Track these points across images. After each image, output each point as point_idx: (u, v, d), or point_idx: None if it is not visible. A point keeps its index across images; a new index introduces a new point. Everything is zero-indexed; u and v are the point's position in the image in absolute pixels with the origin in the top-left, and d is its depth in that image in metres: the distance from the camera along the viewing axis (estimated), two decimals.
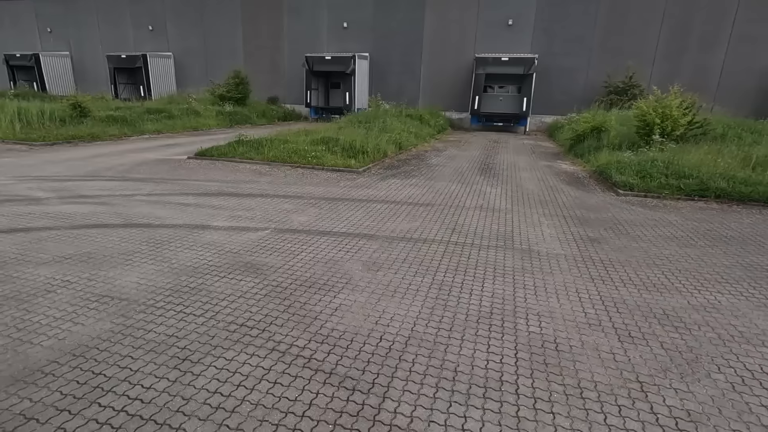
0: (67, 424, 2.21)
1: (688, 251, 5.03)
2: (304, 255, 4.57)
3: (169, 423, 2.24)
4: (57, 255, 4.37)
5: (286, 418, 2.30)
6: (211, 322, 3.22)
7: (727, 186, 7.26)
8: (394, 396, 2.50)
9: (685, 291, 4.00)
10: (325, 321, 3.28)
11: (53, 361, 2.71)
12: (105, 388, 2.47)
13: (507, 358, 2.90)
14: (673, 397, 2.57)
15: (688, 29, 18.45)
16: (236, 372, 2.66)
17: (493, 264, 4.50)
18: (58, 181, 7.68)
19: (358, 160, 9.57)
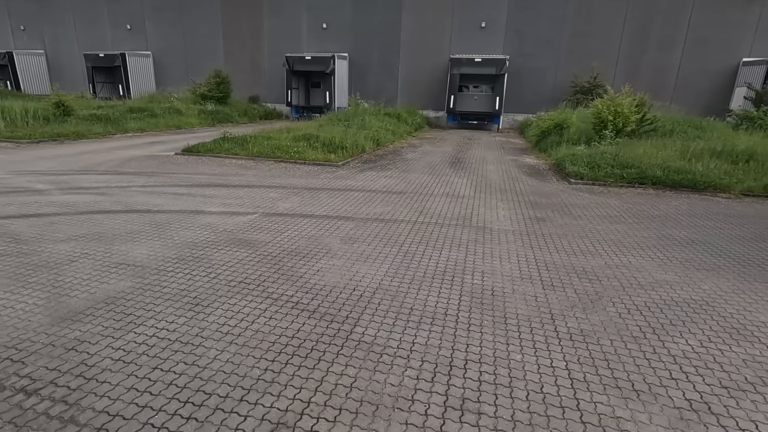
0: (112, 344, 2.92)
1: (617, 227, 5.99)
2: (289, 233, 5.32)
3: (192, 342, 2.98)
4: (71, 235, 5.01)
5: (280, 339, 3.07)
6: (214, 280, 3.95)
7: (662, 174, 8.32)
8: (362, 324, 3.29)
9: (605, 255, 4.92)
10: (309, 279, 4.05)
11: (91, 307, 3.41)
12: (137, 323, 3.19)
13: (452, 300, 3.73)
14: (573, 322, 3.44)
15: (648, 32, 19.82)
16: (239, 312, 3.41)
17: (452, 238, 5.34)
18: (54, 175, 8.20)
19: (338, 155, 10.33)
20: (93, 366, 2.70)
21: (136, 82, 25.79)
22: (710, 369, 2.88)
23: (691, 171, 8.32)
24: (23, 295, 3.56)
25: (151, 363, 2.74)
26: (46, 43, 28.95)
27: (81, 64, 27.70)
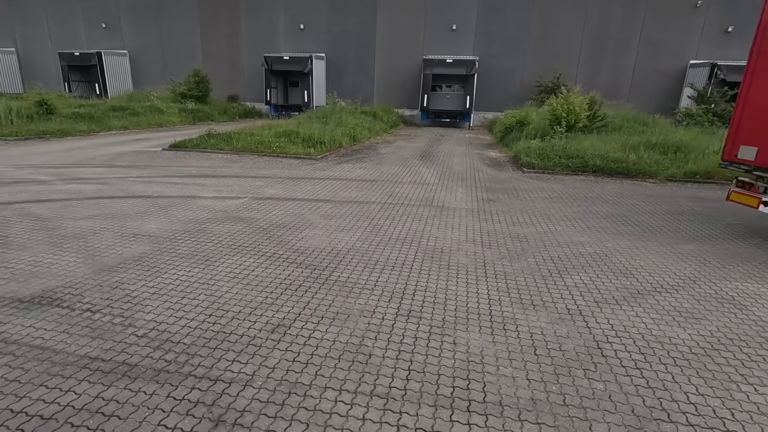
0: (147, 284, 3.85)
1: (553, 205, 7.18)
2: (276, 211, 6.29)
3: (208, 283, 3.93)
4: (86, 215, 5.85)
5: (275, 280, 4.05)
6: (218, 245, 4.90)
7: (601, 163, 9.63)
8: (338, 271, 4.31)
9: (537, 225, 6.08)
10: (295, 243, 5.04)
11: (121, 263, 4.31)
12: (162, 272, 4.13)
13: (409, 255, 4.79)
14: (500, 267, 4.54)
15: (605, 36, 21.46)
16: (241, 264, 4.37)
17: (414, 214, 6.41)
18: (52, 168, 8.90)
19: (317, 149, 11.29)
20: (136, 297, 3.63)
21: (113, 81, 26.00)
22: (590, 292, 4.03)
23: (626, 160, 9.66)
24: (63, 256, 4.43)
25: (180, 295, 3.69)
26: (17, 42, 28.73)
27: (54, 63, 27.68)
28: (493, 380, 2.73)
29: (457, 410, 2.46)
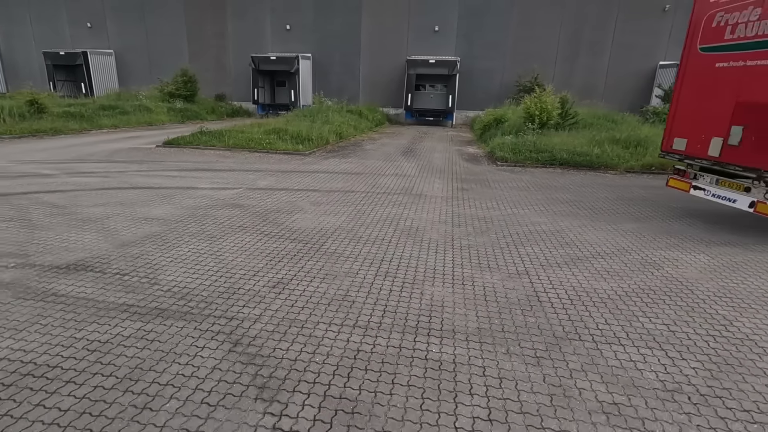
0: (164, 255, 4.54)
1: (520, 193, 8.04)
2: (270, 199, 7.00)
3: (215, 254, 4.64)
4: (97, 203, 6.47)
5: (273, 251, 4.78)
6: (220, 226, 5.59)
7: (567, 157, 10.54)
8: (327, 245, 5.05)
9: (502, 209, 6.91)
10: (288, 224, 5.77)
11: (138, 240, 4.99)
12: (175, 246, 4.82)
13: (389, 233, 5.56)
14: (465, 241, 5.34)
15: (580, 38, 22.56)
16: (242, 240, 5.08)
17: (394, 201, 7.18)
18: (53, 163, 9.43)
19: (305, 146, 11.99)
20: (155, 264, 4.33)
21: (99, 81, 26.22)
22: (538, 258, 4.85)
23: (590, 154, 10.59)
24: (85, 235, 5.09)
25: (193, 262, 4.40)
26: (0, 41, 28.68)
27: (37, 62, 27.77)
28: (449, 317, 3.51)
29: (419, 335, 3.24)
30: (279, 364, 2.83)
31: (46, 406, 2.39)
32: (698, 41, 6.11)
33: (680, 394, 2.67)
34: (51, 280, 3.92)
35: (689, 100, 6.28)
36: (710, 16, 5.91)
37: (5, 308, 3.41)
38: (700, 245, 5.45)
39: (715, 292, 4.13)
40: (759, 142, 5.23)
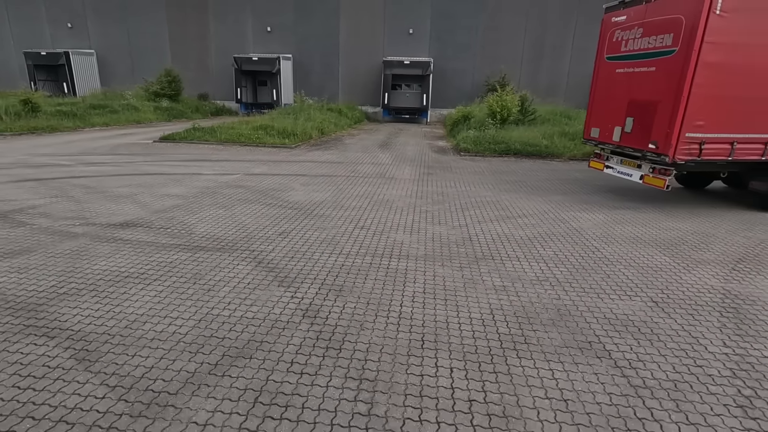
0: (192, 216, 5.98)
1: (475, 176, 9.71)
2: (266, 182, 8.46)
3: (231, 217, 6.10)
4: (121, 185, 7.81)
5: (276, 215, 6.27)
6: (229, 199, 7.04)
7: (521, 147, 12.31)
8: (316, 211, 6.58)
9: (458, 187, 8.55)
10: (284, 199, 7.26)
11: (166, 209, 6.40)
12: (198, 213, 6.25)
13: (364, 204, 7.11)
14: (426, 208, 6.94)
15: (543, 42, 24.59)
16: (249, 208, 6.55)
17: (370, 182, 8.73)
18: (64, 155, 10.62)
19: (291, 140, 13.43)
20: (186, 223, 5.77)
21: (81, 81, 26.88)
22: (477, 218, 6.48)
23: (540, 144, 12.39)
24: (123, 206, 6.47)
25: (215, 222, 5.85)
26: None
27: (16, 62, 28.22)
28: (405, 249, 5.09)
29: (384, 258, 4.80)
30: (290, 271, 4.35)
31: (148, 290, 3.85)
32: (605, 52, 7.89)
33: (545, 280, 4.32)
34: (113, 232, 5.33)
35: (600, 97, 8.07)
36: (612, 33, 7.69)
37: (89, 246, 4.82)
38: (603, 209, 7.20)
39: (598, 235, 5.84)
40: (642, 130, 7.00)
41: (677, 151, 6.53)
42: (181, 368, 2.79)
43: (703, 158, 6.64)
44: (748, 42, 6.09)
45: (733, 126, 6.52)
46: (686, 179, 9.03)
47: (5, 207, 6.23)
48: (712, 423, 2.47)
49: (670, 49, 6.44)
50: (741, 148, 6.67)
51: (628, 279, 4.44)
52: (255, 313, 3.53)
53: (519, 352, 3.10)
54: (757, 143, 6.68)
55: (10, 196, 6.85)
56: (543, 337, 3.31)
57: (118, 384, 2.63)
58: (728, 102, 6.35)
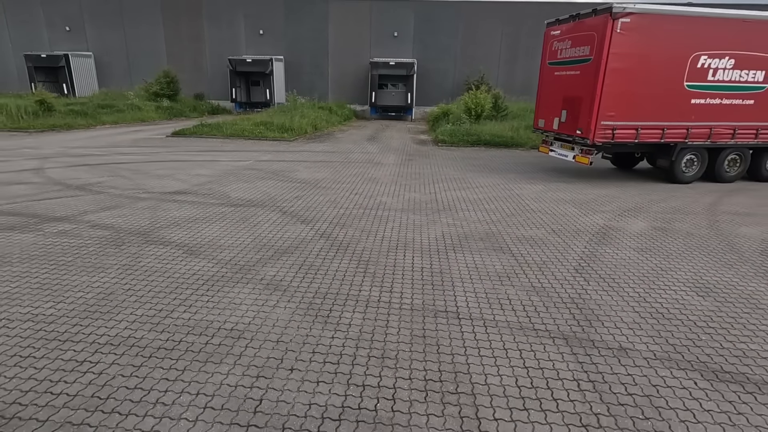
0: (226, 187, 7.91)
1: (448, 161, 11.77)
2: (275, 165, 10.40)
3: (254, 188, 8.05)
4: (158, 168, 9.67)
5: (287, 187, 8.23)
6: (249, 177, 8.97)
7: (490, 139, 14.43)
8: (320, 184, 8.55)
9: (432, 170, 10.59)
10: (292, 177, 9.21)
11: (201, 183, 8.31)
12: (226, 185, 8.18)
13: (356, 181, 9.11)
14: (404, 182, 8.96)
15: (518, 44, 26.84)
16: (267, 183, 8.50)
17: (360, 166, 10.73)
18: (95, 148, 12.39)
19: (289, 134, 15.35)
20: (221, 192, 7.69)
21: (80, 82, 28.35)
22: (443, 188, 8.52)
23: (506, 136, 14.51)
24: (167, 182, 8.35)
25: (243, 191, 7.79)
26: None
27: (14, 64, 29.55)
28: (388, 205, 7.10)
29: (372, 210, 6.80)
30: (308, 216, 6.33)
31: (213, 226, 5.79)
32: (546, 58, 10.01)
33: (483, 221, 6.37)
34: (170, 197, 7.23)
35: (543, 94, 10.19)
36: (551, 43, 9.82)
37: (159, 204, 6.72)
38: (543, 181, 9.31)
39: (532, 198, 7.92)
40: (572, 120, 9.11)
41: (596, 136, 8.65)
42: (251, 257, 4.76)
43: (616, 141, 8.77)
44: (641, 53, 8.23)
45: (636, 116, 8.66)
46: (616, 160, 11.21)
47: (78, 182, 8.08)
48: (558, 276, 4.53)
49: (588, 57, 8.56)
50: (644, 133, 8.83)
51: (542, 220, 6.51)
52: (289, 235, 5.51)
53: (456, 251, 5.13)
54: (655, 129, 8.84)
55: (75, 175, 8.69)
56: (473, 245, 5.35)
57: (218, 263, 4.58)
58: (631, 98, 8.49)
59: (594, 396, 2.70)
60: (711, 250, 5.41)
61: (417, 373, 2.88)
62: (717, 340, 3.38)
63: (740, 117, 9.03)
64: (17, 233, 5.30)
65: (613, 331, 3.45)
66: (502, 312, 3.73)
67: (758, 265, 4.92)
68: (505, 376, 2.87)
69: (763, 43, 8.64)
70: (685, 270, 4.75)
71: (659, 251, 5.30)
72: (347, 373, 2.85)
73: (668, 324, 3.59)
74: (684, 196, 8.33)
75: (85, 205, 6.58)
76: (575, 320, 3.61)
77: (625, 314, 3.73)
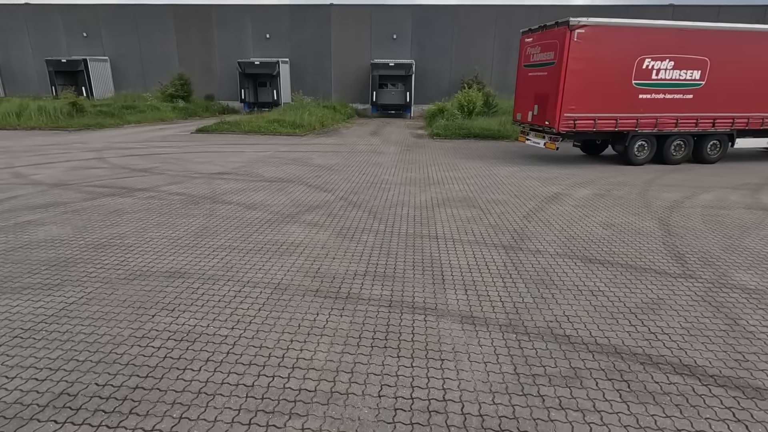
0: (259, 169, 9.88)
1: (441, 151, 13.75)
2: (293, 155, 12.38)
3: (281, 169, 10.03)
4: (195, 157, 11.65)
5: (308, 170, 10.21)
6: (274, 163, 10.95)
7: (479, 132, 16.40)
8: (333, 169, 10.53)
9: (427, 157, 12.57)
10: (310, 163, 11.20)
11: (236, 168, 10.30)
12: (258, 168, 10.17)
13: (363, 165, 11.08)
14: (403, 166, 10.94)
15: (510, 45, 28.74)
16: (289, 167, 10.48)
17: (365, 154, 12.70)
18: (133, 143, 14.37)
19: (300, 130, 17.33)
20: (256, 172, 9.67)
21: (98, 85, 30.37)
22: (436, 171, 10.50)
23: (494, 129, 16.49)
24: (209, 167, 10.33)
25: (273, 172, 9.77)
26: None
27: (34, 69, 31.61)
28: (389, 181, 9.07)
29: (377, 185, 8.77)
30: (328, 187, 8.30)
31: (259, 193, 7.77)
32: (522, 61, 11.99)
33: (464, 190, 8.35)
34: (217, 176, 9.21)
35: (520, 92, 12.17)
36: (525, 48, 11.79)
37: (210, 181, 8.69)
38: (518, 165, 11.27)
39: (506, 176, 9.88)
40: (542, 113, 11.07)
41: (560, 125, 10.60)
42: (293, 210, 6.74)
43: (577, 129, 10.74)
44: (595, 57, 10.18)
45: (593, 109, 10.62)
46: (585, 147, 13.16)
47: (139, 167, 10.08)
48: (510, 219, 6.50)
49: (552, 61, 10.53)
50: (600, 123, 10.79)
51: (509, 189, 8.48)
52: (317, 198, 7.49)
53: (439, 207, 7.10)
54: (610, 119, 10.80)
55: (133, 162, 10.68)
56: (452, 203, 7.33)
57: (271, 213, 6.56)
58: (588, 94, 10.44)
59: (512, 267, 4.68)
60: (630, 206, 7.38)
61: (408, 259, 4.86)
62: (601, 247, 5.35)
63: (681, 109, 10.99)
64: (119, 198, 7.29)
65: (535, 244, 5.42)
66: (466, 235, 5.70)
67: (658, 215, 6.89)
68: (462, 260, 4.84)
69: (697, 48, 10.60)
70: (603, 216, 6.72)
71: (590, 207, 7.27)
72: (367, 260, 4.83)
73: (574, 241, 5.56)
74: (631, 174, 10.29)
75: (156, 182, 8.56)
76: (513, 239, 5.58)
77: (548, 237, 5.70)
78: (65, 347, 3.08)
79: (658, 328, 3.51)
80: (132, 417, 2.44)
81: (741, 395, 2.74)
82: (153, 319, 3.48)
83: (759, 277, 4.53)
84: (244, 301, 3.83)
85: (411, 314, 3.67)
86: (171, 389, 2.68)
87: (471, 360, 3.04)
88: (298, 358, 3.03)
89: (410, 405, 2.59)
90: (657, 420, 2.51)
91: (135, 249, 5.02)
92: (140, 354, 3.03)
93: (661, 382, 2.85)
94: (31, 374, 2.79)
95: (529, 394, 2.71)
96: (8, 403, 2.53)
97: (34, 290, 3.95)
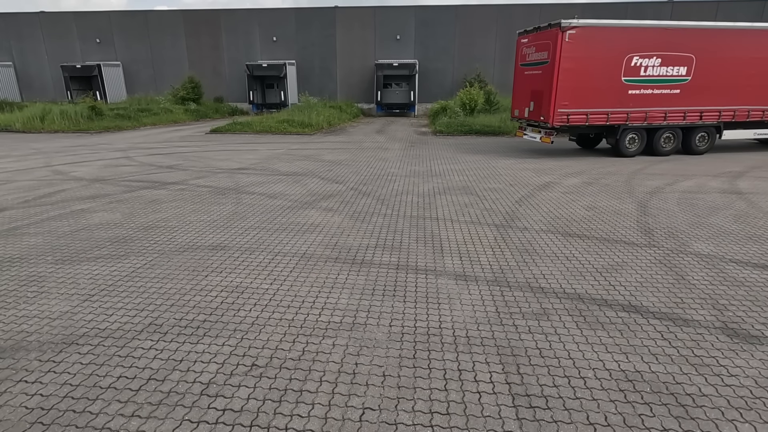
0: (275, 165, 10.75)
1: (443, 146, 14.54)
2: (304, 152, 13.24)
3: (295, 164, 10.89)
4: (214, 155, 12.54)
5: (320, 165, 11.06)
6: (288, 159, 11.81)
7: (480, 128, 17.17)
8: (342, 163, 11.37)
9: (430, 151, 13.37)
10: (320, 159, 12.04)
11: (253, 164, 11.17)
12: (273, 164, 11.03)
13: (371, 160, 11.92)
14: (407, 161, 11.75)
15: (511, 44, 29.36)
16: (303, 163, 11.33)
17: (372, 151, 13.53)
18: (154, 143, 15.30)
19: (309, 129, 18.19)
20: (272, 167, 10.53)
21: (111, 89, 31.46)
22: (438, 164, 11.30)
23: (494, 126, 17.25)
24: (229, 163, 11.21)
25: (288, 167, 10.63)
26: (14, 56, 33.44)
27: (50, 74, 32.79)
28: (395, 174, 9.89)
29: (382, 176, 9.60)
30: (339, 179, 9.14)
31: (277, 185, 8.62)
32: (519, 60, 12.76)
33: (463, 180, 9.15)
34: (238, 172, 10.08)
35: (517, 90, 12.94)
36: (521, 49, 12.56)
37: (232, 175, 9.56)
38: (516, 158, 12.05)
39: (503, 167, 10.67)
40: (537, 109, 11.84)
41: (554, 120, 11.36)
42: (309, 199, 7.58)
43: (571, 124, 11.50)
44: (586, 56, 10.94)
45: (585, 104, 11.37)
46: (579, 141, 13.89)
47: (165, 164, 10.98)
48: (503, 204, 7.30)
49: (546, 60, 11.29)
50: (593, 117, 11.53)
51: (505, 179, 9.26)
52: (330, 188, 8.33)
53: (441, 195, 7.91)
54: (601, 114, 11.54)
55: (158, 161, 11.59)
56: (452, 191, 8.13)
57: (290, 201, 7.41)
58: (580, 90, 11.19)
59: (501, 241, 5.48)
60: (614, 191, 8.15)
61: (413, 236, 5.68)
62: (581, 225, 6.14)
63: (669, 103, 11.71)
64: (154, 190, 8.18)
65: (524, 223, 6.22)
66: (463, 217, 6.51)
67: (638, 198, 7.65)
68: (458, 236, 5.66)
69: (682, 45, 11.31)
70: (588, 200, 7.49)
71: (577, 193, 8.04)
72: (377, 236, 5.65)
73: (558, 221, 6.35)
74: (621, 164, 11.04)
75: (183, 176, 9.45)
76: (504, 220, 6.39)
77: (536, 218, 6.50)
78: (143, 296, 3.95)
79: (617, 282, 4.31)
80: (206, 338, 3.29)
81: (672, 324, 3.53)
82: (207, 278, 4.34)
83: (713, 246, 5.31)
84: (278, 265, 4.68)
85: (414, 274, 4.49)
86: (231, 321, 3.53)
87: (462, 303, 3.86)
88: (326, 302, 3.87)
89: (414, 331, 3.42)
90: (602, 338, 3.32)
91: (179, 229, 5.89)
92: (202, 301, 3.88)
93: (611, 315, 3.66)
94: (123, 313, 3.65)
95: (506, 324, 3.53)
96: (114, 329, 3.40)
97: (106, 259, 4.83)
